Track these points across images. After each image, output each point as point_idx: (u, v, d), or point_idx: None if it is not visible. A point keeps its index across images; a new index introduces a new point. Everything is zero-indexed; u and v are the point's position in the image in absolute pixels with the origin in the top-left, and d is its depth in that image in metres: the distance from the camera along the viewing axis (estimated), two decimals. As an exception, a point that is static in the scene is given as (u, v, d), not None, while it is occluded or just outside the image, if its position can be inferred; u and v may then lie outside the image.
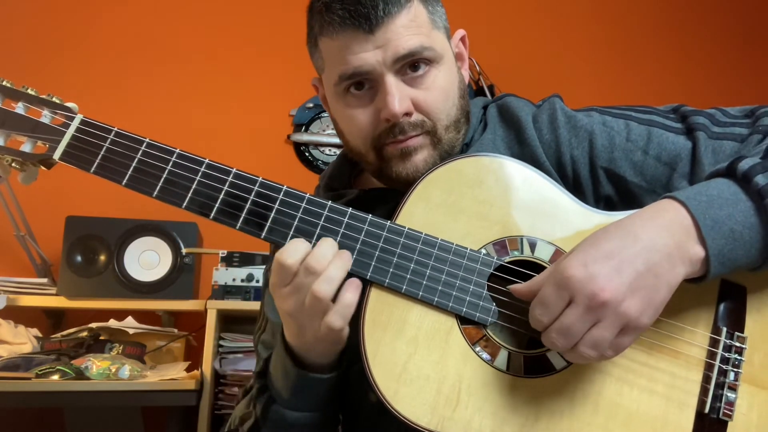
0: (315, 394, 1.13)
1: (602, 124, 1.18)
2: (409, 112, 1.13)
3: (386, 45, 1.11)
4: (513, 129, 1.21)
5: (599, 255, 0.93)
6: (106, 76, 3.12)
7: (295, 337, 1.09)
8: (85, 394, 2.27)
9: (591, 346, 0.92)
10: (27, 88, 1.09)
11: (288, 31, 3.20)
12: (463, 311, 1.05)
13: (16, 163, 1.09)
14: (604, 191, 1.17)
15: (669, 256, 0.94)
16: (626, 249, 0.93)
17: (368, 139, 1.17)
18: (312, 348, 1.09)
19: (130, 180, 1.07)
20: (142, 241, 2.71)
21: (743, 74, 3.63)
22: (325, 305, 1.01)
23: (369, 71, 1.12)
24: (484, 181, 1.09)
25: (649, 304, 0.92)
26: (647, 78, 3.56)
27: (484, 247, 1.07)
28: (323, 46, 1.17)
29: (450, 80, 1.19)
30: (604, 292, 0.90)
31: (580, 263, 0.92)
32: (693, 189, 1.00)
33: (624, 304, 0.91)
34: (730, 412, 1.01)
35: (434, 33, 1.17)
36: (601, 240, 0.95)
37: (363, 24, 1.10)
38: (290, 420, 1.14)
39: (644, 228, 0.95)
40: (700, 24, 3.67)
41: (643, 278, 0.92)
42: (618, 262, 0.92)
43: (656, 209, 0.99)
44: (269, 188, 1.08)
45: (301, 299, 1.02)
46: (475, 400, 1.02)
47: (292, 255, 1.02)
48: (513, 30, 3.51)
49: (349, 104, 1.17)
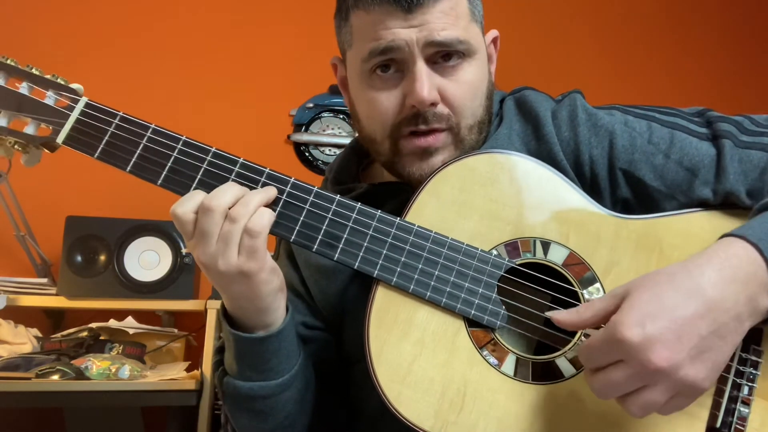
0: (259, 358, 1.08)
1: (624, 123, 1.15)
2: (435, 102, 1.11)
3: (422, 26, 1.08)
4: (531, 124, 1.18)
5: (659, 314, 0.86)
6: (105, 76, 3.10)
7: (225, 295, 1.06)
8: (85, 394, 2.27)
9: (639, 407, 0.88)
10: (31, 67, 1.07)
11: (288, 31, 3.23)
12: (472, 314, 1.02)
13: (18, 146, 1.06)
14: (621, 193, 1.14)
15: (738, 316, 0.88)
16: (691, 308, 0.86)
17: (388, 126, 1.14)
18: (241, 305, 1.05)
19: (134, 167, 1.05)
20: (142, 241, 2.70)
21: (746, 74, 3.65)
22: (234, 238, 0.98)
23: (400, 48, 1.09)
24: (498, 180, 1.07)
25: (711, 369, 0.87)
26: (650, 78, 3.57)
27: (496, 248, 1.05)
28: (356, 19, 1.13)
29: (480, 77, 1.16)
30: (659, 360, 0.84)
31: (636, 323, 0.85)
32: (762, 226, 0.96)
33: (681, 372, 0.85)
34: (742, 428, 0.99)
35: (471, 26, 1.14)
36: (665, 292, 0.88)
37: (403, 2, 1.07)
38: (243, 392, 1.10)
39: (713, 281, 0.89)
40: (704, 24, 3.68)
41: (706, 342, 0.86)
42: (681, 325, 0.85)
43: (727, 253, 0.92)
44: (277, 180, 1.06)
45: (208, 243, 0.99)
46: (480, 405, 0.99)
47: (183, 204, 1.00)
48: (513, 30, 3.50)
49: (374, 85, 1.14)
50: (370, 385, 1.00)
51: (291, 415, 1.14)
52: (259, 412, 1.11)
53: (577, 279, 1.04)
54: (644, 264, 1.04)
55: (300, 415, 1.16)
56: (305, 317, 1.25)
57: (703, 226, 1.07)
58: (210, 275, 1.02)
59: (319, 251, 1.05)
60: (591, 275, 1.04)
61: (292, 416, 1.14)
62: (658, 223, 1.07)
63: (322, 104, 3.27)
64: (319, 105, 3.27)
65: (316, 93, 3.26)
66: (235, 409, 1.14)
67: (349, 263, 1.04)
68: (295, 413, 1.15)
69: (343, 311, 1.22)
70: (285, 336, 1.08)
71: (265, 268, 1.01)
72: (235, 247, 0.98)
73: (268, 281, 1.03)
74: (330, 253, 1.04)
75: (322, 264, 1.22)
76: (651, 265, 1.04)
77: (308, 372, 1.16)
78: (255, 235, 0.98)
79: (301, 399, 1.15)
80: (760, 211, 1.01)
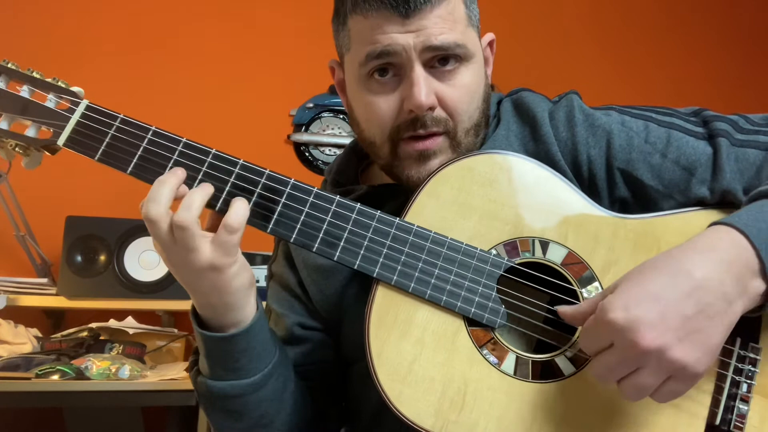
0: (228, 357, 1.06)
1: (621, 124, 1.15)
2: (433, 107, 1.11)
3: (420, 31, 1.08)
4: (528, 125, 1.19)
5: (644, 296, 0.87)
6: (104, 76, 3.10)
7: (192, 293, 1.04)
8: (85, 394, 2.27)
9: (633, 389, 0.89)
10: (32, 71, 1.07)
11: (288, 31, 3.23)
12: (471, 313, 1.03)
13: (19, 148, 1.06)
14: (619, 193, 1.14)
15: (725, 295, 0.88)
16: (675, 289, 0.87)
17: (386, 130, 1.14)
18: (210, 301, 1.04)
19: (135, 168, 1.05)
20: (142, 241, 2.71)
21: (745, 75, 3.66)
22: (190, 234, 0.97)
23: (398, 53, 1.09)
24: (496, 180, 1.07)
25: (702, 350, 0.87)
26: (650, 78, 3.59)
27: (495, 248, 1.05)
28: (353, 24, 1.13)
29: (477, 81, 1.16)
30: (645, 340, 0.85)
31: (621, 306, 0.87)
32: (748, 214, 0.96)
33: (669, 353, 0.85)
34: (741, 425, 0.99)
35: (468, 30, 1.14)
36: (648, 276, 0.90)
37: (400, 6, 1.06)
38: (215, 391, 1.08)
39: (698, 263, 0.90)
40: (702, 25, 3.70)
41: (693, 322, 0.86)
42: (664, 305, 0.86)
43: (711, 238, 0.94)
44: (276, 181, 1.06)
45: (170, 239, 0.98)
46: (480, 403, 1.00)
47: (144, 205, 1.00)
48: (513, 29, 3.51)
49: (371, 90, 1.14)
50: (370, 385, 1.00)
51: (267, 414, 1.13)
52: (233, 411, 1.11)
53: (576, 278, 1.04)
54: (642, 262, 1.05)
55: (278, 414, 1.14)
56: (302, 318, 1.25)
57: (701, 225, 1.06)
58: (179, 275, 1.02)
59: (320, 251, 1.05)
60: (590, 274, 1.04)
61: (268, 416, 1.13)
62: (656, 222, 1.07)
63: (322, 104, 3.27)
64: (319, 105, 3.28)
65: (316, 93, 3.27)
66: (210, 409, 1.14)
67: (350, 263, 1.04)
68: (272, 413, 1.13)
69: (342, 311, 1.22)
70: (254, 334, 1.06)
71: (237, 261, 1.01)
72: (197, 249, 0.97)
73: (238, 274, 1.02)
74: (330, 252, 1.05)
75: (320, 264, 1.22)
76: (649, 263, 1.05)
77: (285, 371, 1.15)
78: (233, 231, 0.98)
79: (278, 398, 1.13)
80: (749, 202, 1.02)
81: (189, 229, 0.96)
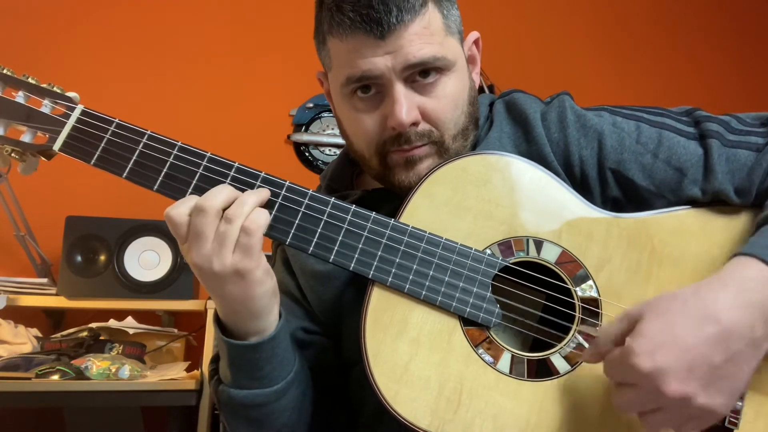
0: (252, 365, 1.07)
1: (612, 124, 1.15)
2: (416, 122, 1.11)
3: (397, 52, 1.07)
4: (520, 126, 1.19)
5: (670, 343, 0.85)
6: (103, 76, 3.11)
7: (217, 300, 1.05)
8: (85, 394, 2.27)
9: (653, 426, 0.89)
10: (28, 76, 1.08)
11: (288, 31, 3.22)
12: (467, 312, 1.03)
13: (15, 154, 1.07)
14: (611, 193, 1.15)
15: (753, 342, 0.87)
16: (702, 336, 0.85)
17: (373, 144, 1.14)
18: (235, 308, 1.04)
19: (130, 173, 1.05)
20: (142, 241, 2.71)
21: (738, 75, 3.65)
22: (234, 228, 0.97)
23: (378, 76, 1.09)
24: (490, 180, 1.08)
25: (727, 395, 0.87)
26: (644, 78, 3.58)
27: (489, 248, 1.06)
28: (332, 45, 1.14)
29: (460, 88, 1.16)
30: (670, 389, 0.84)
31: (647, 352, 0.85)
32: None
33: (693, 400, 0.85)
34: (736, 421, 0.99)
35: (447, 40, 1.13)
36: (676, 319, 0.87)
37: (374, 29, 1.06)
38: (238, 400, 1.08)
39: (727, 307, 0.87)
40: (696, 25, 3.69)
41: (720, 371, 0.85)
42: (692, 357, 0.84)
43: (740, 276, 0.92)
44: (272, 184, 1.06)
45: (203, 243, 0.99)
46: (476, 402, 1.00)
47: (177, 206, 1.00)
48: (513, 29, 3.51)
49: (356, 107, 1.14)
50: (369, 386, 1.01)
51: (289, 423, 1.13)
52: (255, 420, 1.11)
53: (570, 277, 1.05)
54: (636, 261, 1.05)
55: (299, 423, 1.15)
56: (304, 322, 1.25)
57: (693, 223, 1.08)
58: (203, 277, 1.01)
59: (315, 253, 1.05)
60: (584, 273, 1.05)
61: (290, 425, 1.13)
62: (649, 220, 1.08)
63: (322, 104, 3.27)
64: (319, 105, 3.28)
65: (316, 93, 3.27)
66: (232, 418, 1.14)
67: (345, 264, 1.05)
68: (294, 421, 1.14)
69: (340, 316, 1.22)
70: (278, 342, 1.07)
71: (260, 267, 1.01)
72: (230, 247, 0.98)
73: (263, 281, 1.02)
74: (325, 254, 1.05)
75: (317, 270, 1.22)
76: (643, 261, 1.06)
77: (305, 379, 1.15)
78: (252, 234, 0.98)
79: (299, 407, 1.14)
80: (760, 226, 1.02)
81: (234, 221, 0.97)
